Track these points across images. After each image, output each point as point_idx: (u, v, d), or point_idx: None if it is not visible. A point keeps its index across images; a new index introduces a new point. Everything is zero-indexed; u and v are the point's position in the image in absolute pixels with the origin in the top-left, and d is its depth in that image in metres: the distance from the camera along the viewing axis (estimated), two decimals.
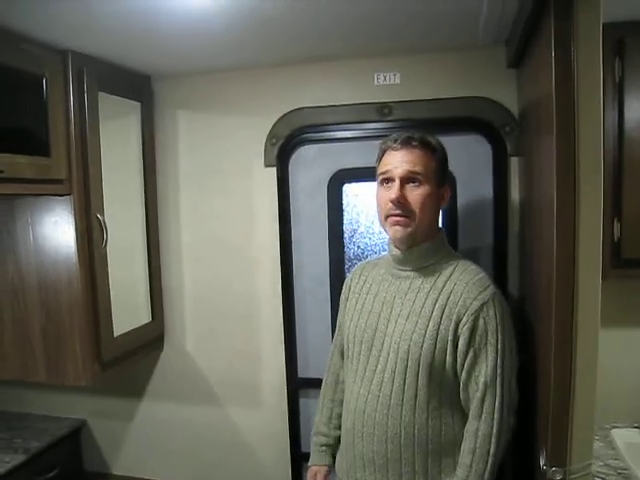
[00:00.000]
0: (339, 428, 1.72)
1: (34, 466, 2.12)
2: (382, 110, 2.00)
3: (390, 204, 1.47)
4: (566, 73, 1.24)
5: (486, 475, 1.41)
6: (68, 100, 1.76)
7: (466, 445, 1.44)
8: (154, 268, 2.22)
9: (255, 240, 2.19)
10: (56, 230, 1.83)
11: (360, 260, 2.10)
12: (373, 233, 2.13)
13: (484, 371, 1.42)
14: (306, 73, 2.06)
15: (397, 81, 1.99)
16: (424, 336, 1.44)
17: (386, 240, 2.07)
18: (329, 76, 2.04)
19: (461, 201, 2.00)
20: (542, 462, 1.39)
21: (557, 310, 1.30)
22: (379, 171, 1.53)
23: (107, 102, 1.90)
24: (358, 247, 2.14)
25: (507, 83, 1.91)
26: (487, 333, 1.42)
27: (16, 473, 2.01)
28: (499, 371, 1.42)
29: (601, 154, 1.29)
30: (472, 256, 1.98)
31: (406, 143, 1.48)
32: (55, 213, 1.83)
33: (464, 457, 1.44)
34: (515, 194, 1.95)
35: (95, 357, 1.88)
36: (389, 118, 2.00)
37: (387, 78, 1.99)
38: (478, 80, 1.93)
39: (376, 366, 1.51)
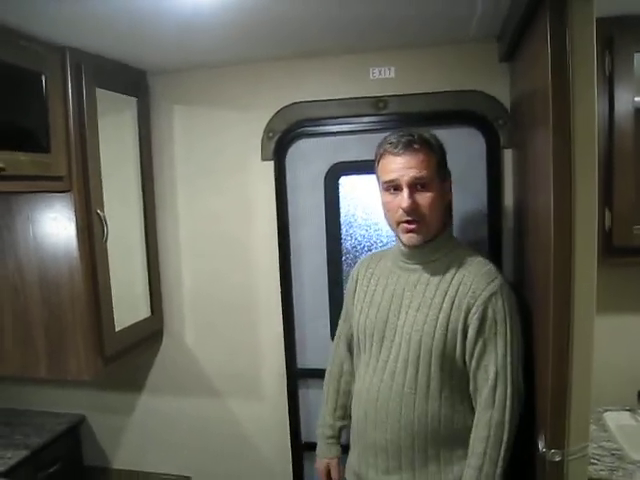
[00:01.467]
0: (343, 418, 1.76)
1: (35, 462, 2.13)
2: (377, 104, 2.02)
3: (401, 211, 1.48)
4: (561, 67, 1.27)
5: (500, 462, 1.44)
6: (67, 97, 1.76)
7: (479, 433, 1.46)
8: (153, 263, 2.23)
9: (253, 233, 2.21)
10: (56, 226, 1.84)
11: (357, 252, 2.14)
12: (370, 225, 2.16)
13: (494, 360, 1.45)
14: (302, 68, 2.07)
15: (392, 75, 2.01)
16: (435, 326, 1.47)
17: (383, 232, 2.13)
18: (325, 71, 2.07)
19: (456, 193, 2.00)
20: (541, 445, 1.43)
21: (555, 299, 1.33)
22: (384, 178, 1.52)
23: (104, 98, 1.91)
24: (355, 239, 2.17)
25: (499, 77, 1.94)
26: (496, 323, 1.45)
27: (19, 469, 2.02)
28: (509, 359, 1.46)
29: (595, 146, 1.32)
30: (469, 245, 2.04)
31: (408, 147, 1.47)
32: (55, 209, 1.84)
33: (477, 445, 1.46)
34: (509, 186, 1.98)
35: (98, 351, 1.90)
36: (384, 112, 2.02)
37: (382, 72, 2.01)
38: (471, 74, 1.96)
39: (388, 356, 1.54)
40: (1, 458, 2.02)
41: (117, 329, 1.98)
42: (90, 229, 1.85)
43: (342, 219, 2.16)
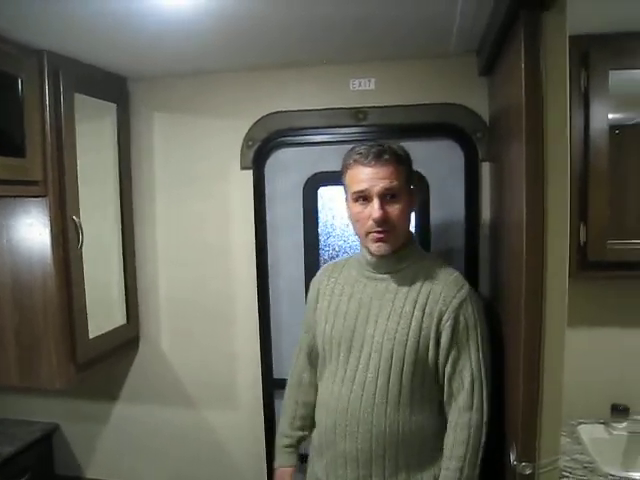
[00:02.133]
0: (302, 429, 1.76)
1: (5, 471, 2.09)
2: (357, 115, 2.03)
3: (371, 222, 1.49)
4: (535, 82, 1.28)
5: (478, 464, 1.48)
6: (44, 101, 1.74)
7: (458, 437, 1.48)
8: (129, 270, 2.21)
9: (231, 242, 2.20)
10: (31, 232, 1.82)
11: None
12: (348, 236, 2.16)
13: (469, 365, 1.49)
14: (283, 77, 2.08)
15: (372, 87, 2.03)
16: (407, 335, 1.48)
17: (358, 244, 2.13)
18: (305, 81, 2.07)
19: (434, 205, 2.05)
20: (512, 457, 1.43)
21: (526, 311, 1.34)
22: (353, 188, 1.52)
23: (83, 103, 1.89)
24: (333, 249, 2.17)
25: (478, 90, 1.96)
26: (468, 329, 1.49)
27: None
28: (482, 363, 1.50)
29: (567, 160, 1.34)
30: (444, 259, 2.04)
31: (379, 157, 1.48)
32: (30, 215, 1.81)
33: (457, 449, 1.48)
34: (486, 198, 2.00)
35: (70, 359, 1.87)
36: (364, 123, 2.03)
37: (362, 84, 2.03)
38: (451, 87, 1.98)
39: (357, 366, 1.53)
40: None
41: (91, 336, 1.95)
42: (65, 235, 1.83)
43: (320, 229, 2.16)
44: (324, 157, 2.10)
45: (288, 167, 2.14)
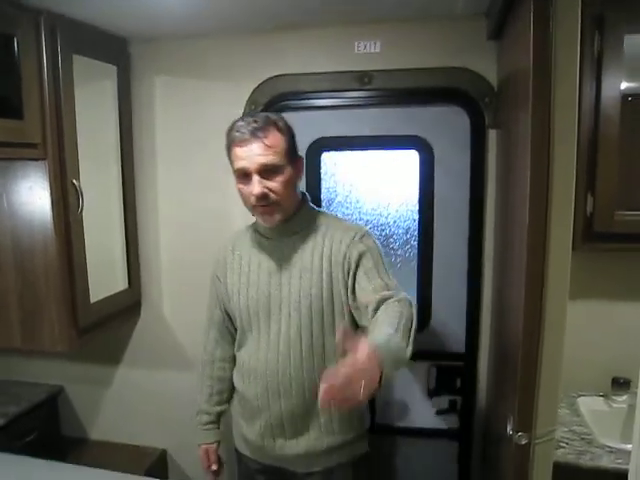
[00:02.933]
0: (220, 404, 1.80)
1: (12, 430, 2.12)
2: (362, 79, 1.98)
3: (253, 197, 1.50)
4: (543, 46, 1.25)
5: (412, 334, 1.35)
6: (41, 62, 1.71)
7: (390, 312, 1.37)
8: (131, 234, 2.21)
9: (233, 205, 2.16)
10: (31, 196, 1.81)
11: None
12: (351, 202, 2.14)
13: (378, 275, 1.51)
14: (286, 40, 2.02)
15: (377, 50, 1.97)
16: (322, 287, 1.54)
17: (364, 210, 2.12)
18: (309, 43, 2.02)
19: (438, 173, 2.02)
20: (509, 428, 1.44)
21: (528, 282, 1.33)
22: (234, 166, 1.53)
23: (82, 65, 1.86)
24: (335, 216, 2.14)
25: (487, 55, 1.91)
26: (371, 255, 1.53)
27: None
28: (392, 278, 1.53)
29: (575, 129, 1.30)
30: (449, 225, 2.03)
31: (254, 134, 1.47)
32: (30, 179, 1.80)
33: (391, 318, 1.34)
34: (492, 166, 1.96)
35: (72, 323, 1.88)
36: (369, 87, 1.98)
37: (367, 47, 1.97)
38: (458, 51, 1.92)
39: (279, 329, 1.58)
40: None
41: (92, 300, 1.97)
42: (65, 199, 1.82)
43: (323, 195, 2.14)
44: (328, 122, 2.06)
45: None
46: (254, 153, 1.47)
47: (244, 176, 1.51)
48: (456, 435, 2.16)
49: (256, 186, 1.48)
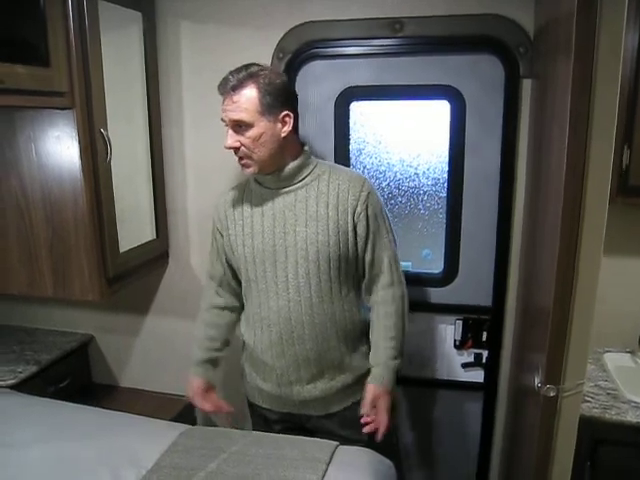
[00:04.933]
0: (209, 350, 1.82)
1: (45, 377, 2.19)
2: (393, 26, 1.91)
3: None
4: None
5: (405, 330, 1.70)
6: (67, 8, 1.67)
7: (388, 308, 1.67)
8: (158, 185, 2.20)
9: None
10: (59, 145, 1.81)
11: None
12: (379, 153, 2.10)
13: (385, 249, 1.65)
14: None
15: None
16: (328, 235, 1.59)
17: (393, 161, 2.10)
18: None
19: (469, 123, 1.97)
20: (537, 381, 1.44)
21: (562, 235, 1.31)
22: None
23: (107, 11, 1.82)
24: (364, 167, 2.12)
25: (524, 2, 1.82)
26: (377, 216, 1.63)
27: (30, 382, 2.08)
28: (394, 244, 1.69)
29: (619, 78, 1.26)
30: (479, 177, 2.00)
31: (227, 90, 1.53)
32: (57, 128, 1.80)
33: (388, 319, 1.67)
34: (525, 117, 1.91)
35: (101, 272, 1.90)
36: (400, 34, 1.92)
37: None
38: None
39: (286, 276, 1.62)
40: (12, 372, 2.07)
41: (121, 250, 1.98)
42: (93, 148, 1.81)
43: (352, 146, 2.10)
44: (357, 71, 2.01)
45: (319, 81, 2.05)
46: (227, 108, 1.54)
47: (226, 125, 1.58)
48: (481, 388, 2.18)
49: (228, 139, 1.57)
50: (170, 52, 2.15)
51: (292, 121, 1.58)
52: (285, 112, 1.56)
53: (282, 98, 1.56)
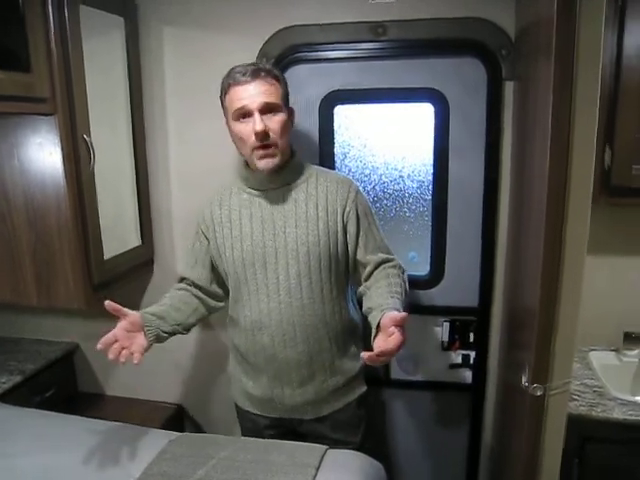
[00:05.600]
0: (157, 306, 1.70)
1: (30, 387, 2.16)
2: (376, 29, 1.92)
3: (253, 137, 1.52)
4: None
5: (406, 295, 1.62)
6: (47, 12, 1.65)
7: (390, 280, 1.60)
8: (142, 191, 2.18)
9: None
10: (42, 151, 1.78)
11: None
12: (364, 156, 2.11)
13: (378, 239, 1.67)
14: None
15: None
16: (318, 235, 1.59)
17: (378, 164, 2.10)
18: None
19: (453, 125, 1.98)
20: (524, 379, 1.45)
21: (547, 232, 1.32)
22: (234, 107, 1.54)
23: (89, 16, 1.80)
24: (350, 170, 2.12)
25: (505, 4, 1.84)
26: (367, 214, 1.66)
27: (14, 392, 2.05)
28: (383, 238, 1.70)
29: (599, 79, 1.28)
30: (463, 179, 2.01)
31: (256, 75, 1.51)
32: (40, 134, 1.77)
33: (394, 277, 1.61)
34: (508, 119, 1.92)
35: (86, 279, 1.88)
36: (383, 38, 1.93)
37: None
38: (475, 1, 1.86)
39: (277, 278, 1.61)
40: None
41: (106, 257, 1.96)
42: (76, 154, 1.79)
43: (337, 150, 2.11)
44: (341, 74, 2.01)
45: (303, 85, 2.04)
46: (257, 91, 1.51)
47: (243, 116, 1.54)
48: (469, 388, 2.19)
49: (258, 122, 1.50)
50: (153, 57, 2.13)
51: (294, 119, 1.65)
52: (291, 109, 1.63)
53: (288, 96, 1.62)
